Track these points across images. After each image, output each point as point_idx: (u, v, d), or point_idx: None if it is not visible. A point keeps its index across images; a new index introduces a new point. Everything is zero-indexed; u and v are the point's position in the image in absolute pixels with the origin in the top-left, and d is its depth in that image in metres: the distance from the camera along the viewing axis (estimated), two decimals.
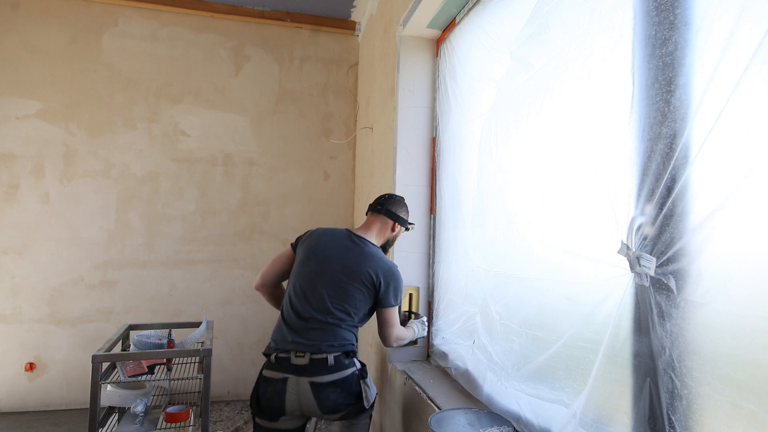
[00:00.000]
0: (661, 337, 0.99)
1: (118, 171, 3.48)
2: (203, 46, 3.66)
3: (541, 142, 1.53)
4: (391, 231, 2.06)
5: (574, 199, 1.35)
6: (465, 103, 2.21)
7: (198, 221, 3.61)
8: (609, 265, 1.14)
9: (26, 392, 3.30)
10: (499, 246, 1.82)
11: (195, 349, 2.22)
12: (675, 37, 1.00)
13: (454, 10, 2.28)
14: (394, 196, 2.11)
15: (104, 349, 2.11)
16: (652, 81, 1.05)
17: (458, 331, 2.16)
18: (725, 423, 0.88)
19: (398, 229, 2.08)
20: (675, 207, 0.98)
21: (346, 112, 3.92)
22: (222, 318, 3.58)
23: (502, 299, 1.75)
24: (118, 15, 3.50)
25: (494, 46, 1.90)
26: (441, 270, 2.46)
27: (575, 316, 1.34)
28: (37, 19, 3.36)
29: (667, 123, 1.00)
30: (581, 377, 1.28)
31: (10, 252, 3.29)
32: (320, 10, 3.76)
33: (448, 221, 2.37)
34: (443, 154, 2.47)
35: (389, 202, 2.06)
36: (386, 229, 2.05)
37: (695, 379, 0.93)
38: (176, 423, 2.19)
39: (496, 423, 1.59)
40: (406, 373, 2.32)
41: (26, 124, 3.33)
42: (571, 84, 1.37)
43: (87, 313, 3.40)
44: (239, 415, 3.34)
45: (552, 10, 1.46)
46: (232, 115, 3.70)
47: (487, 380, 1.82)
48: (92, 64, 3.45)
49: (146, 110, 3.54)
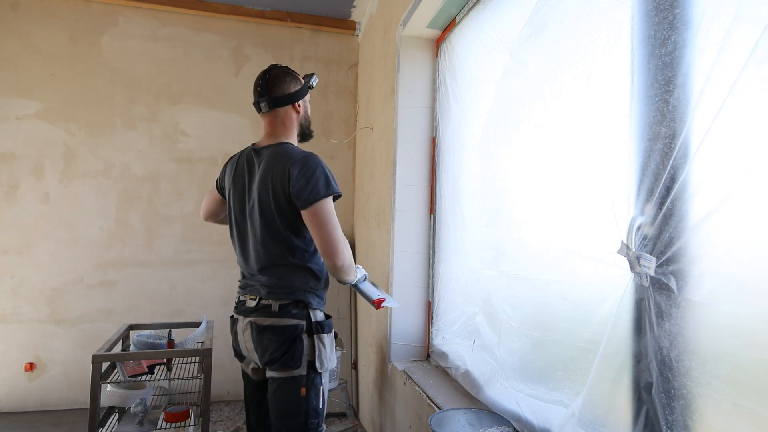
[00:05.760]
0: (660, 337, 0.99)
1: (118, 171, 3.48)
2: (203, 46, 3.66)
3: (540, 141, 1.53)
4: (295, 113, 1.70)
5: (573, 198, 1.35)
6: (465, 103, 2.21)
7: (198, 221, 3.61)
8: (609, 265, 1.14)
9: (26, 392, 3.30)
10: (499, 246, 1.82)
11: (195, 349, 2.22)
12: (674, 37, 1.00)
13: (454, 10, 2.28)
14: (267, 73, 1.68)
15: (104, 349, 2.11)
16: (651, 81, 1.05)
17: (458, 331, 2.16)
18: (725, 423, 0.88)
19: (302, 102, 1.71)
20: (674, 206, 0.98)
21: (346, 112, 3.92)
22: (222, 318, 3.57)
23: (503, 299, 1.75)
24: (118, 15, 3.50)
25: (494, 46, 1.90)
26: (441, 270, 2.46)
27: (574, 315, 1.34)
28: (37, 19, 3.36)
29: (666, 122, 1.00)
30: (580, 377, 1.28)
31: (10, 252, 3.29)
32: (320, 10, 3.76)
33: (448, 221, 2.37)
34: (443, 154, 2.47)
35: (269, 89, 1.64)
36: (289, 117, 1.68)
37: (694, 379, 0.93)
38: (176, 423, 2.19)
39: (496, 423, 1.59)
40: (406, 373, 2.32)
41: (26, 124, 3.33)
42: (570, 83, 1.37)
43: (87, 313, 3.40)
44: (239, 415, 3.34)
45: (551, 10, 1.46)
46: (232, 115, 3.70)
47: (487, 380, 1.82)
48: (92, 64, 3.45)
49: (146, 110, 3.54)
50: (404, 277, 2.57)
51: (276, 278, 1.60)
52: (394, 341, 2.52)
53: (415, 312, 2.58)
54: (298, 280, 1.61)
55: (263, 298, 1.61)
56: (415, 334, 2.57)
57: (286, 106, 1.66)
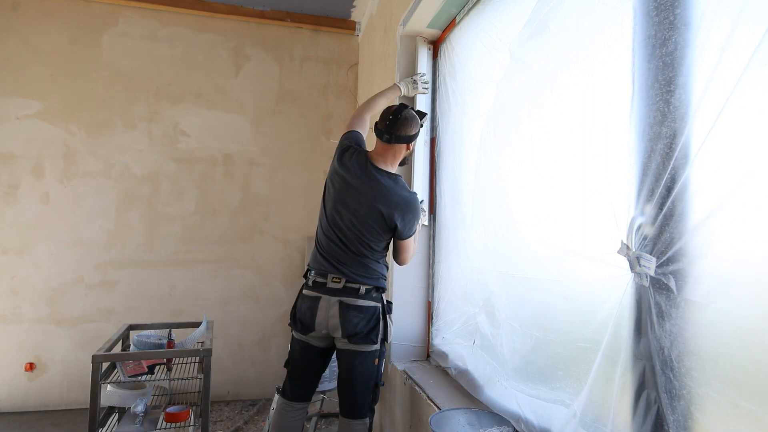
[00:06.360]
0: (660, 337, 0.99)
1: (118, 171, 3.48)
2: (203, 46, 3.66)
3: (541, 141, 1.53)
4: (406, 150, 2.00)
5: (574, 198, 1.35)
6: (465, 103, 2.21)
7: (198, 221, 3.61)
8: (609, 265, 1.14)
9: (26, 392, 3.30)
10: (499, 246, 1.82)
11: (195, 349, 2.22)
12: (675, 37, 1.00)
13: (454, 10, 2.28)
14: (398, 114, 1.92)
15: (104, 349, 2.11)
16: (651, 81, 1.05)
17: (458, 331, 2.16)
18: (725, 423, 0.88)
19: (413, 144, 2.03)
20: (675, 207, 0.98)
21: (346, 112, 3.92)
22: (222, 318, 3.58)
23: (503, 299, 1.75)
24: (118, 15, 3.50)
25: (494, 46, 1.90)
26: (441, 270, 2.46)
27: (575, 315, 1.34)
28: (37, 19, 3.36)
29: (667, 123, 1.00)
30: (581, 377, 1.28)
31: (10, 252, 3.29)
32: (320, 10, 3.76)
33: (448, 221, 2.37)
34: (443, 154, 2.47)
35: (396, 128, 1.91)
36: (400, 152, 1.98)
37: (694, 379, 0.93)
38: (176, 423, 2.19)
39: (496, 423, 1.59)
40: (406, 373, 2.32)
41: (26, 124, 3.32)
42: (571, 83, 1.37)
43: (87, 313, 3.40)
44: (239, 415, 3.34)
45: (552, 10, 1.46)
46: (232, 115, 3.70)
47: (487, 380, 1.82)
48: (92, 64, 3.44)
49: (146, 110, 3.54)
50: (404, 276, 2.57)
51: (362, 267, 1.91)
52: (394, 341, 2.52)
53: (415, 312, 2.58)
54: (377, 270, 1.95)
55: (350, 282, 1.89)
56: (415, 334, 2.58)
57: (403, 145, 1.96)
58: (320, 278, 1.93)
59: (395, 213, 1.87)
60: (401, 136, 1.91)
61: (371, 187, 1.89)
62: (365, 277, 1.90)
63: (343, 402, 1.95)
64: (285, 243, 3.77)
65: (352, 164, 1.94)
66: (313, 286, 1.94)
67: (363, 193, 1.89)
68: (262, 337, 3.71)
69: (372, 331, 1.89)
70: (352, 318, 1.86)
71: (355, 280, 1.89)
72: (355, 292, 1.88)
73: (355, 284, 1.89)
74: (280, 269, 3.76)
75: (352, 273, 1.89)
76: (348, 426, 1.92)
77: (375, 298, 1.92)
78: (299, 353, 2.01)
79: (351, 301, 1.87)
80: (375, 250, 1.93)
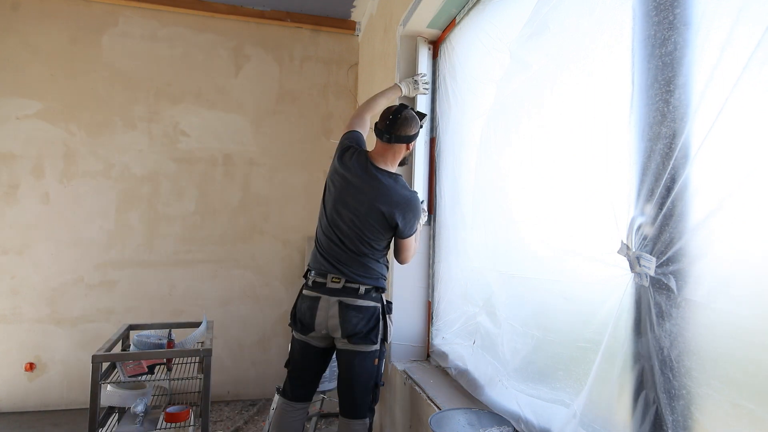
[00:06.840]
0: (660, 337, 0.99)
1: (118, 171, 3.48)
2: (203, 46, 3.66)
3: (541, 141, 1.53)
4: (406, 150, 2.00)
5: (574, 198, 1.35)
6: (465, 103, 2.21)
7: (198, 221, 3.61)
8: (609, 265, 1.14)
9: (26, 392, 3.30)
10: (499, 246, 1.82)
11: (195, 349, 2.22)
12: (674, 37, 1.00)
13: (454, 10, 2.28)
14: (398, 114, 1.93)
15: (104, 349, 2.11)
16: (651, 81, 1.05)
17: (458, 331, 2.16)
18: (725, 423, 0.88)
19: (413, 144, 2.04)
20: (675, 207, 0.98)
21: (346, 112, 3.92)
22: (222, 318, 3.58)
23: (504, 299, 1.75)
24: (118, 15, 3.50)
25: (494, 46, 1.90)
26: (441, 270, 2.46)
27: (575, 315, 1.34)
28: (37, 19, 3.36)
29: (667, 123, 1.00)
30: (581, 377, 1.28)
31: (10, 252, 3.29)
32: (320, 10, 3.76)
33: (447, 221, 2.37)
34: (443, 154, 2.47)
35: (396, 128, 1.91)
36: (400, 152, 1.98)
37: (694, 379, 0.93)
38: (176, 423, 2.19)
39: (496, 423, 1.59)
40: (406, 373, 2.32)
41: (26, 124, 3.32)
42: (571, 83, 1.37)
43: (87, 313, 3.40)
44: (239, 415, 3.34)
45: (552, 10, 1.46)
46: (232, 115, 3.70)
47: (488, 380, 1.82)
48: (92, 64, 3.44)
49: (146, 110, 3.54)
50: (404, 276, 2.57)
51: (362, 267, 1.91)
52: (393, 341, 2.52)
53: (415, 312, 2.58)
54: (377, 270, 1.95)
55: (349, 282, 1.89)
56: (415, 334, 2.58)
57: (403, 144, 1.97)
58: (320, 278, 1.93)
59: (396, 212, 1.88)
60: (401, 136, 1.92)
61: (372, 186, 1.90)
62: (365, 277, 1.91)
63: (343, 402, 1.95)
64: (285, 243, 3.77)
65: (353, 164, 1.95)
66: (312, 286, 1.95)
67: (364, 192, 1.90)
68: (262, 337, 3.71)
69: (372, 331, 1.90)
70: (352, 318, 1.87)
71: (354, 280, 1.90)
72: (354, 292, 1.89)
73: (355, 284, 1.90)
74: (280, 269, 3.76)
75: (352, 273, 1.90)
76: (348, 426, 1.92)
77: (374, 298, 1.93)
78: (299, 353, 2.01)
79: (350, 301, 1.88)
80: (376, 249, 1.93)
